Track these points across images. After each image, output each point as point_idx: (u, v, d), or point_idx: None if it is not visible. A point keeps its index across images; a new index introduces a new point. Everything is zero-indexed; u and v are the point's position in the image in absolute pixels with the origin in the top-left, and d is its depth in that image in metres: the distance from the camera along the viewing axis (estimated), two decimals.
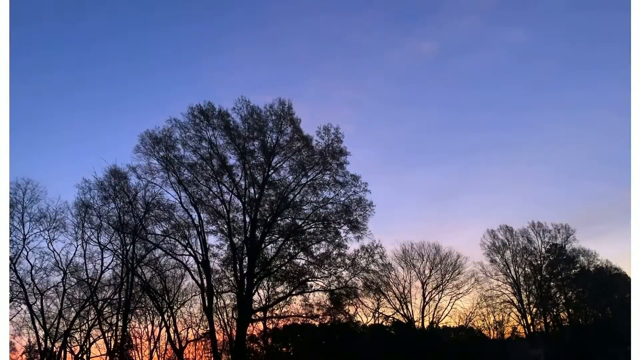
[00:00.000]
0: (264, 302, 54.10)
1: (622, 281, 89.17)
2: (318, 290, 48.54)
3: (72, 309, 46.26)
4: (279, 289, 50.88)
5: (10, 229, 40.49)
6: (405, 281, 75.11)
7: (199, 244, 47.13)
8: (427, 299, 75.50)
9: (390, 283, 73.10)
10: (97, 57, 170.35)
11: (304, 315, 52.07)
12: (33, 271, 42.94)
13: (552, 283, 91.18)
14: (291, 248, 48.51)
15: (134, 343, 58.70)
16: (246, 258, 46.67)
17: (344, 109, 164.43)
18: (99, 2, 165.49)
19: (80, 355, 47.28)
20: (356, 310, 67.06)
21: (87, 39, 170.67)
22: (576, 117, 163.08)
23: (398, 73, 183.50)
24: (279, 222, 48.73)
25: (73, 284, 46.12)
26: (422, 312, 74.96)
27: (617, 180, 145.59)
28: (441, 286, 76.28)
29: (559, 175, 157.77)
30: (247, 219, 47.55)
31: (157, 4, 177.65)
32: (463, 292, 77.08)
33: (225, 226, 47.34)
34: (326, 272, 47.41)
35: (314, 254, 47.72)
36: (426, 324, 74.89)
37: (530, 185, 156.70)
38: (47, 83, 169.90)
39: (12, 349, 49.00)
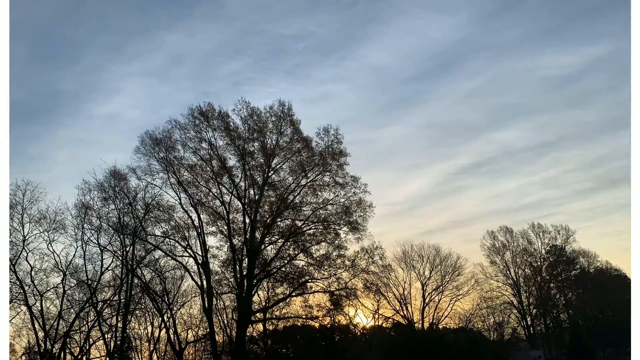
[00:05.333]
0: (263, 304, 54.02)
1: (622, 281, 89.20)
2: (318, 291, 48.56)
3: (72, 310, 46.18)
4: (278, 290, 50.82)
5: (10, 230, 40.45)
6: (405, 282, 75.12)
7: (198, 245, 47.20)
8: (427, 301, 75.47)
9: (390, 284, 73.12)
10: (95, 56, 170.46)
11: (303, 316, 51.98)
12: (33, 272, 42.92)
13: (552, 284, 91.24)
14: (291, 249, 48.49)
15: (133, 344, 58.60)
16: (246, 259, 46.66)
17: None
18: (98, 9, 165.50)
19: (79, 356, 47.23)
20: (356, 311, 67.02)
21: (86, 39, 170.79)
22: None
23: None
24: (278, 223, 48.70)
25: (73, 285, 46.08)
26: (422, 314, 74.93)
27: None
28: (441, 287, 76.23)
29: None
30: (247, 220, 47.57)
31: (158, 6, 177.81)
32: (463, 293, 77.04)
33: (225, 227, 47.33)
34: (326, 273, 47.44)
35: (314, 255, 47.72)
36: (426, 325, 74.85)
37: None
38: (46, 83, 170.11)
39: (12, 350, 48.90)
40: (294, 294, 48.57)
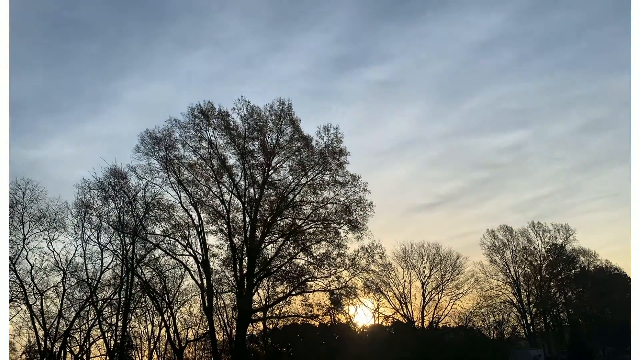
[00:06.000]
0: (263, 302, 54.07)
1: (621, 281, 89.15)
2: (318, 290, 48.61)
3: (72, 309, 46.14)
4: (278, 289, 50.89)
5: (10, 229, 40.42)
6: (405, 281, 75.17)
7: (198, 244, 47.19)
8: (427, 299, 75.55)
9: (390, 283, 73.19)
10: (95, 55, 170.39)
11: (303, 315, 52.05)
12: (33, 271, 42.87)
13: (552, 283, 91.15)
14: (291, 248, 48.51)
15: (133, 343, 58.65)
16: (246, 258, 46.68)
17: None
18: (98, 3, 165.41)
19: (80, 355, 47.21)
20: (356, 310, 67.07)
21: (85, 37, 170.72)
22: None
23: None
24: (278, 222, 48.72)
25: (73, 284, 46.03)
26: (422, 312, 75.01)
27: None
28: (441, 286, 76.29)
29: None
30: (247, 219, 47.58)
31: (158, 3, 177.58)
32: (463, 292, 77.09)
33: (225, 226, 47.34)
34: (326, 272, 47.45)
35: (314, 254, 47.73)
36: (426, 324, 74.92)
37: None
38: (47, 83, 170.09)
39: (12, 349, 48.91)
40: (294, 292, 48.61)
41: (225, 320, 56.19)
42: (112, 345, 48.94)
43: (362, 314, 71.42)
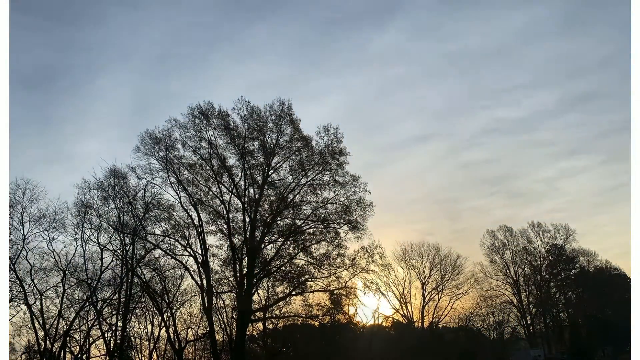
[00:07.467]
0: (263, 303, 53.99)
1: (621, 281, 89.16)
2: (318, 290, 48.57)
3: (72, 309, 46.17)
4: (278, 289, 50.82)
5: (9, 229, 40.39)
6: (405, 281, 75.27)
7: (198, 244, 47.17)
8: (426, 299, 75.66)
9: (390, 283, 73.28)
10: (95, 54, 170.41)
11: (303, 315, 51.98)
12: (32, 271, 42.91)
13: (551, 283, 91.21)
14: (291, 248, 48.49)
15: (133, 343, 58.64)
16: (246, 258, 46.66)
17: None
18: (98, 5, 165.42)
19: (79, 355, 47.23)
20: (356, 310, 67.03)
21: (85, 37, 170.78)
22: None
23: None
24: (278, 222, 48.71)
25: (73, 284, 46.06)
26: (422, 312, 75.09)
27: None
28: (441, 286, 76.38)
29: None
30: (247, 219, 47.56)
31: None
32: (463, 292, 77.24)
33: (225, 226, 47.33)
34: (326, 272, 47.44)
35: (314, 254, 47.72)
36: (426, 324, 74.98)
37: None
38: (46, 83, 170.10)
39: (12, 349, 48.88)
40: (293, 293, 48.58)
41: (225, 321, 56.07)
42: (112, 345, 48.92)
43: (362, 314, 71.48)
